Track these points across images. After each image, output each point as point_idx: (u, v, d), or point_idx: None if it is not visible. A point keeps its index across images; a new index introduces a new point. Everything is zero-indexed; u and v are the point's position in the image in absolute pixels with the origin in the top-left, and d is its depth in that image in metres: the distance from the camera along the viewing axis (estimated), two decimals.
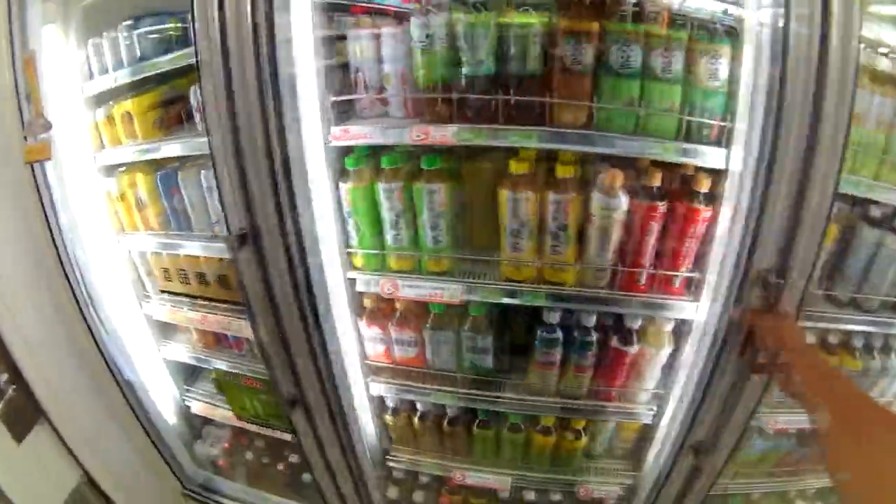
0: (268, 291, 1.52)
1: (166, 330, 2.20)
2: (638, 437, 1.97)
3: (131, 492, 2.23)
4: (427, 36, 1.38)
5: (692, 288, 1.54)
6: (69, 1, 1.67)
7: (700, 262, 1.50)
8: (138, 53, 1.72)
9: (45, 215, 1.74)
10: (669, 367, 1.70)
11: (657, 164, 1.41)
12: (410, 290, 1.62)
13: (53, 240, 1.78)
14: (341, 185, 1.57)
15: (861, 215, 1.56)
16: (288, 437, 1.99)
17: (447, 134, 1.40)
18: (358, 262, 1.68)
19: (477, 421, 1.91)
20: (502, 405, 1.80)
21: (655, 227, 1.45)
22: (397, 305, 1.74)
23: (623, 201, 1.40)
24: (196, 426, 2.43)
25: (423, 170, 1.51)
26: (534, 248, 1.54)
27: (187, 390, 2.31)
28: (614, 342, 1.64)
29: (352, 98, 1.54)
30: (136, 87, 1.80)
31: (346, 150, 1.55)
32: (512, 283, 1.57)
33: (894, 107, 1.40)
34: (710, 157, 1.34)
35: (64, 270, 1.84)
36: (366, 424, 1.96)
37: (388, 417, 1.99)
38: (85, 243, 1.85)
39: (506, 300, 1.57)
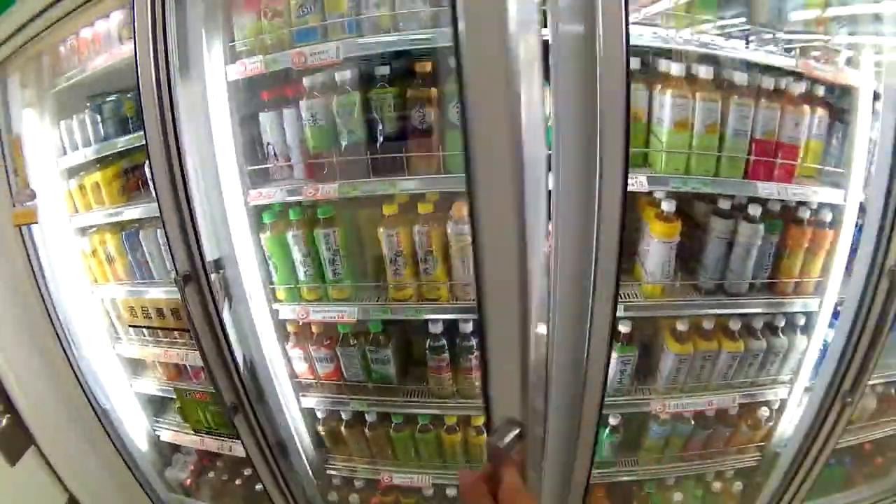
0: (207, 319, 1.89)
1: (136, 367, 2.59)
2: None
3: None
4: (312, 115, 1.83)
5: None
6: (43, 87, 2.13)
7: None
8: (102, 133, 2.18)
9: (32, 269, 2.16)
10: None
11: None
12: (318, 314, 2.02)
13: (39, 290, 2.19)
14: (261, 235, 1.98)
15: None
16: (242, 453, 2.30)
17: (331, 189, 1.82)
18: (280, 295, 2.08)
19: (392, 424, 2.24)
20: (408, 408, 2.15)
21: None
22: (314, 329, 2.13)
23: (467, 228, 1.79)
24: (166, 454, 2.77)
25: (320, 219, 1.93)
26: (411, 272, 1.93)
27: (157, 420, 2.66)
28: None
29: (266, 166, 1.99)
30: (102, 161, 2.23)
31: (263, 208, 1.98)
32: (398, 302, 1.95)
33: None
34: None
35: (49, 316, 2.24)
36: (302, 435, 2.30)
37: (321, 427, 2.33)
38: (64, 293, 2.26)
39: (394, 317, 1.95)
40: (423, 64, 1.75)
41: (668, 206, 1.81)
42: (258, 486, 2.51)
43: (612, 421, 2.14)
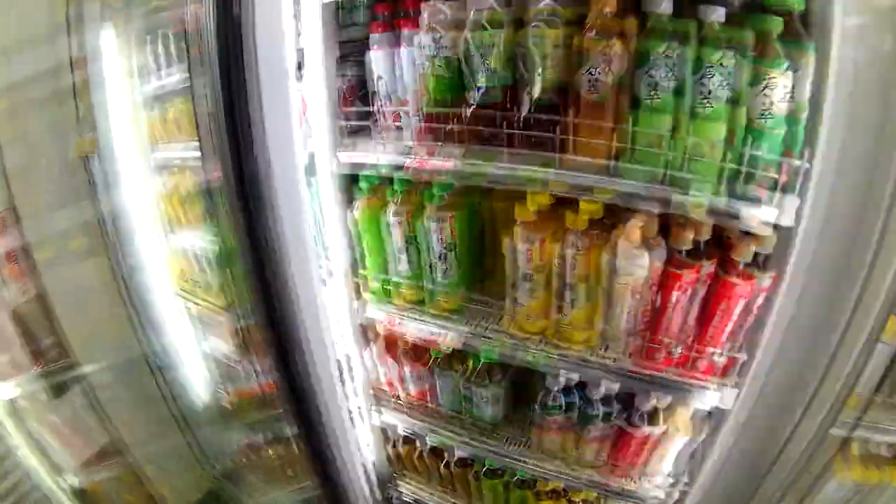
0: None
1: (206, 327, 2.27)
2: None
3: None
4: (432, 57, 1.23)
5: (723, 372, 1.26)
6: (130, 3, 1.74)
7: (736, 339, 1.22)
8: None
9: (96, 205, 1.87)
10: (692, 454, 1.44)
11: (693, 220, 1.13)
12: (411, 326, 1.52)
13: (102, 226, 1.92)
14: (349, 211, 1.49)
15: None
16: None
17: (450, 162, 1.25)
18: (367, 288, 1.60)
19: (484, 468, 1.76)
20: (504, 459, 1.64)
21: (684, 295, 1.18)
22: (400, 344, 1.64)
23: (645, 260, 1.15)
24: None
25: (432, 199, 1.37)
26: (541, 303, 1.34)
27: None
28: (621, 421, 1.41)
29: (360, 122, 1.44)
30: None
31: (356, 176, 1.46)
32: (514, 338, 1.39)
33: None
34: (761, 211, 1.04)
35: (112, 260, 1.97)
36: (367, 446, 1.90)
37: (390, 449, 1.91)
38: (137, 233, 1.98)
39: (509, 354, 1.40)
40: None
41: None
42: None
43: None
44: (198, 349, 2.24)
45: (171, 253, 2.09)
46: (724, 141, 1.05)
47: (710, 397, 1.25)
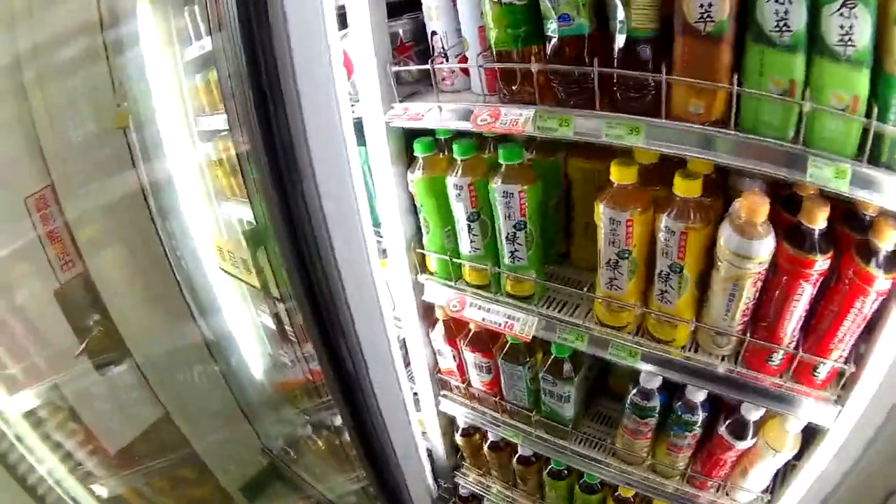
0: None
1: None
2: None
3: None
4: None
5: (838, 385, 1.00)
6: None
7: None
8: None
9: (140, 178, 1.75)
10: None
11: (826, 196, 0.87)
12: (478, 312, 1.31)
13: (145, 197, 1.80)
14: (409, 174, 1.29)
15: None
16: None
17: (520, 119, 1.03)
18: (428, 266, 1.41)
19: (549, 468, 1.58)
20: (576, 459, 1.43)
21: (807, 290, 0.92)
22: (472, 326, 1.44)
23: (765, 246, 0.90)
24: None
25: (502, 165, 1.15)
26: (636, 289, 1.11)
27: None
28: (722, 430, 1.17)
29: (413, 67, 1.24)
30: None
31: (415, 134, 1.25)
32: (604, 327, 1.17)
33: None
34: None
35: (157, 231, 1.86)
36: (429, 434, 1.75)
37: (459, 438, 1.74)
38: (184, 205, 1.85)
39: (590, 350, 1.18)
40: None
41: None
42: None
43: None
44: (251, 327, 2.14)
45: (217, 227, 1.97)
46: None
47: (827, 413, 1.01)
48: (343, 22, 1.12)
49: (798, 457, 1.14)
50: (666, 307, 1.07)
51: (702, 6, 0.81)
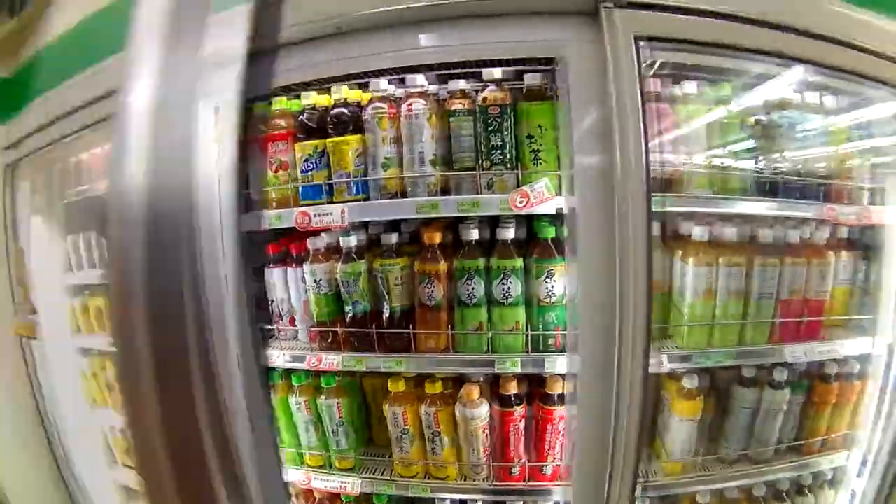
0: None
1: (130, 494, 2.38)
2: None
3: None
4: (316, 281, 1.73)
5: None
6: (53, 196, 2.04)
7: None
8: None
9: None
10: None
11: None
12: (321, 482, 1.89)
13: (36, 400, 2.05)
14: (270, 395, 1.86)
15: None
16: None
17: (335, 360, 1.72)
18: (285, 457, 1.95)
19: None
20: None
21: (517, 427, 1.72)
22: (316, 495, 1.99)
23: (483, 410, 1.68)
24: None
25: (324, 388, 1.81)
26: (417, 451, 1.81)
27: None
28: None
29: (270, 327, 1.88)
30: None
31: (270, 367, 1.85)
32: (404, 478, 1.83)
33: None
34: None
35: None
36: None
37: None
38: (64, 408, 2.14)
39: (399, 493, 1.82)
40: (432, 234, 1.66)
41: (689, 383, 1.71)
42: None
43: None
44: None
45: None
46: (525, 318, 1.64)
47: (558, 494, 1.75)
48: None
49: None
50: (437, 457, 1.78)
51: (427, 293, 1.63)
